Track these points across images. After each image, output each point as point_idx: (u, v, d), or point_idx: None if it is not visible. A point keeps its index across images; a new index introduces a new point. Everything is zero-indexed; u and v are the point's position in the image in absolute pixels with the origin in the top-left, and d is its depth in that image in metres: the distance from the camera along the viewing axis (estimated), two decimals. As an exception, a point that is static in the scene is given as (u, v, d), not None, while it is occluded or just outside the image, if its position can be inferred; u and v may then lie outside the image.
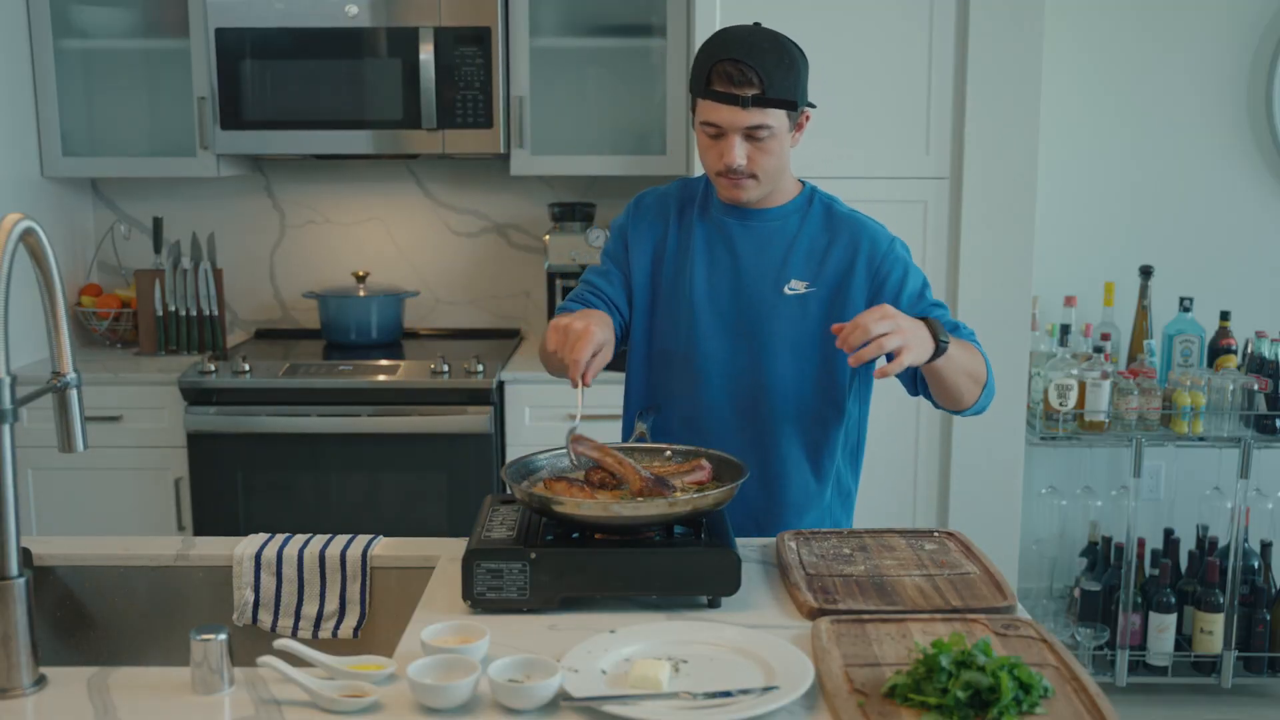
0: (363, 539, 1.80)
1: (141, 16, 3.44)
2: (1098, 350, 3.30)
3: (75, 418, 1.45)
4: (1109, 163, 3.64)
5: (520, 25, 3.37)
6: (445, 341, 3.69)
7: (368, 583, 1.75)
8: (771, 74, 1.78)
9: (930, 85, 3.13)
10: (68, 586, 1.76)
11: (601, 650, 1.39)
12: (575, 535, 1.59)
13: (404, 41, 3.30)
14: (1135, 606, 3.32)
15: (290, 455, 3.20)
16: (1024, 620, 1.48)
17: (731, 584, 1.54)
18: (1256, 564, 3.34)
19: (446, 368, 3.20)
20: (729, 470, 1.71)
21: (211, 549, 1.79)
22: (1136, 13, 3.57)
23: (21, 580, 1.35)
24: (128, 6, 3.44)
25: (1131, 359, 3.52)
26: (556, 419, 3.24)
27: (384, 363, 3.29)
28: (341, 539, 1.79)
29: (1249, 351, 3.39)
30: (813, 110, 1.90)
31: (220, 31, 3.30)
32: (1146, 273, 3.52)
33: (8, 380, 1.33)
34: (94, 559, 1.77)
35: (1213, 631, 3.30)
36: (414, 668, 1.29)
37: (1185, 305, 3.43)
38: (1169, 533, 3.44)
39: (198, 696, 1.31)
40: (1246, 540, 3.31)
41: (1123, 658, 3.32)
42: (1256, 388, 3.28)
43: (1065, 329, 3.43)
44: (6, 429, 1.34)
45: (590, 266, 2.06)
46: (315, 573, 1.76)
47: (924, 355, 1.69)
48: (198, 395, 3.20)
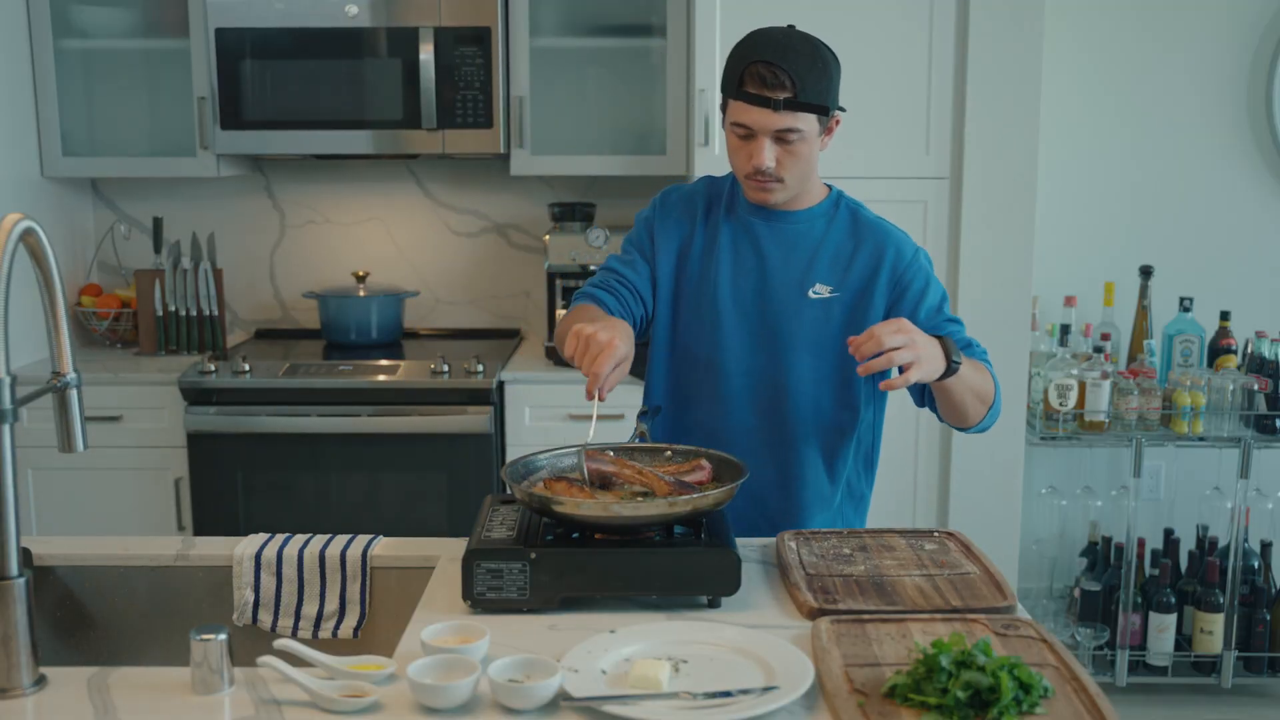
0: (363, 539, 1.80)
1: (141, 16, 3.45)
2: (1098, 350, 3.30)
3: (75, 418, 1.45)
4: (1109, 163, 3.64)
5: (520, 25, 3.37)
6: (445, 341, 3.69)
7: (368, 583, 1.75)
8: (805, 78, 1.78)
9: (930, 85, 3.13)
10: (68, 586, 1.76)
11: (601, 650, 1.39)
12: (575, 535, 1.59)
13: (404, 41, 3.30)
14: (1135, 606, 3.32)
15: (290, 455, 3.20)
16: (1024, 620, 1.48)
17: (731, 584, 1.54)
18: (1256, 564, 3.34)
19: (446, 368, 3.20)
20: (729, 470, 1.71)
21: (211, 549, 1.79)
22: (1136, 13, 3.57)
23: (21, 580, 1.35)
24: (128, 6, 3.44)
25: (1131, 359, 3.52)
26: (557, 419, 3.24)
27: (384, 363, 3.29)
28: (341, 539, 1.79)
29: (1249, 351, 3.39)
30: (842, 114, 1.88)
31: (220, 31, 3.30)
32: (1146, 273, 3.52)
33: (8, 380, 1.33)
34: (94, 559, 1.77)
35: (1213, 631, 3.30)
36: (414, 668, 1.29)
37: (1185, 305, 3.43)
38: (1169, 533, 3.44)
39: (198, 696, 1.31)
40: (1246, 540, 3.31)
41: (1123, 658, 3.32)
42: (1256, 388, 3.28)
43: (1065, 329, 3.43)
44: (6, 429, 1.34)
45: (612, 255, 2.03)
46: (315, 573, 1.75)
47: (934, 373, 1.69)
48: (198, 395, 3.20)
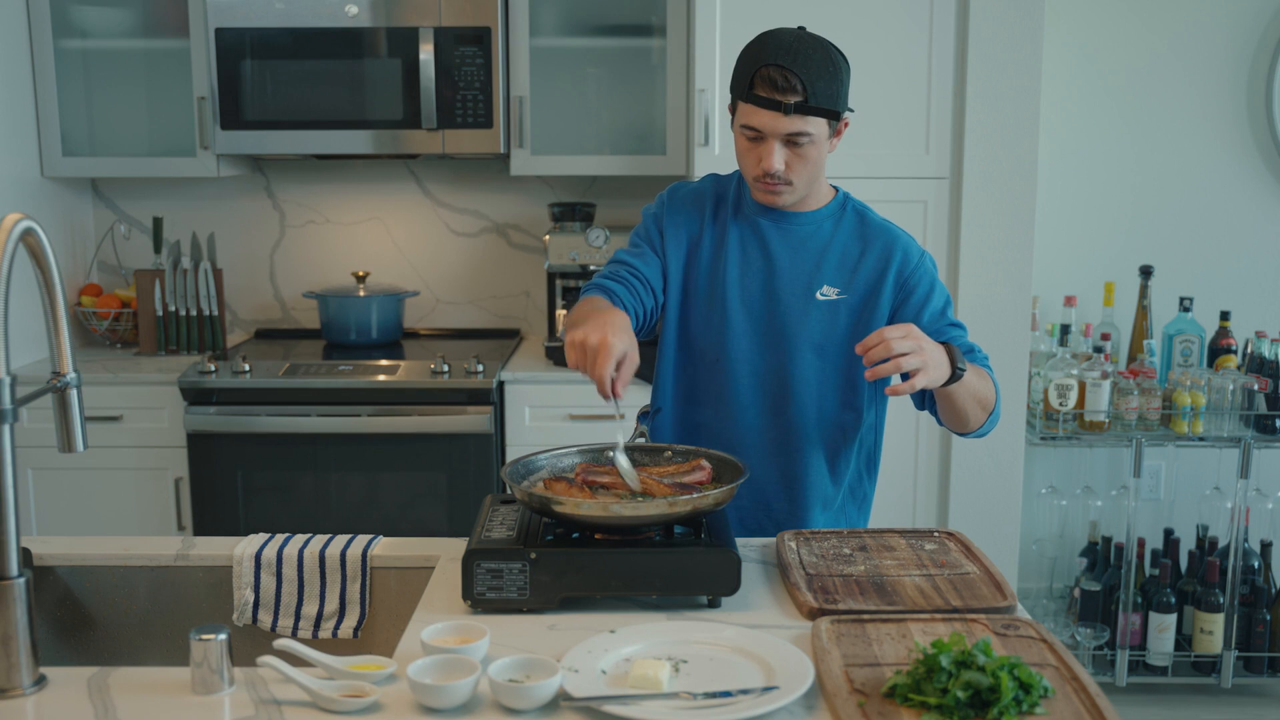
0: (362, 539, 1.80)
1: (141, 16, 3.44)
2: (1098, 350, 3.30)
3: (75, 418, 1.45)
4: (1109, 163, 3.64)
5: (520, 25, 3.37)
6: (445, 341, 3.69)
7: (368, 583, 1.75)
8: (815, 82, 1.77)
9: (930, 85, 3.13)
10: (68, 586, 1.76)
11: (601, 650, 1.39)
12: (575, 535, 1.59)
13: (404, 41, 3.30)
14: (1135, 606, 3.32)
15: (290, 455, 3.20)
16: (1024, 620, 1.48)
17: (731, 584, 1.54)
18: (1256, 564, 3.34)
19: (446, 368, 3.20)
20: (729, 470, 1.71)
21: (211, 549, 1.79)
22: (1136, 13, 3.57)
23: (21, 580, 1.35)
24: (128, 6, 3.44)
25: (1131, 359, 3.52)
26: (557, 419, 3.24)
27: (384, 363, 3.29)
28: (341, 539, 1.79)
29: (1249, 351, 3.39)
30: (851, 116, 1.88)
31: (220, 31, 3.30)
32: (1146, 273, 3.52)
33: (8, 380, 1.33)
34: (94, 559, 1.77)
35: (1213, 631, 3.30)
36: (414, 668, 1.29)
37: (1185, 305, 3.43)
38: (1169, 533, 3.44)
39: (198, 696, 1.31)
40: (1246, 540, 3.31)
41: (1123, 658, 3.32)
42: (1256, 388, 3.28)
43: (1065, 329, 3.43)
44: (6, 429, 1.34)
45: (620, 249, 2.01)
46: (315, 573, 1.75)
47: (939, 380, 1.70)
48: (198, 395, 3.20)
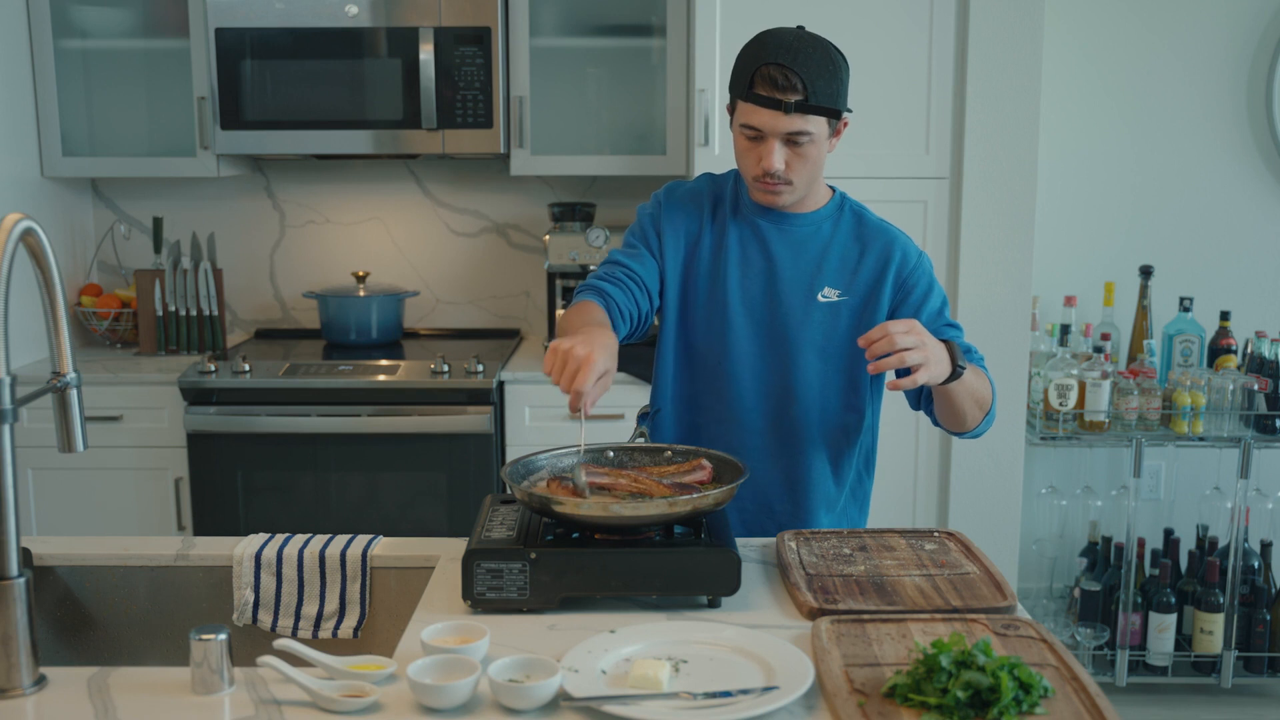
0: (362, 539, 1.80)
1: (141, 16, 3.44)
2: (1098, 350, 3.30)
3: (75, 418, 1.45)
4: (1109, 163, 3.64)
5: (520, 25, 3.37)
6: (445, 341, 3.69)
7: (368, 583, 1.75)
8: (815, 81, 1.77)
9: (930, 85, 3.13)
10: (68, 586, 1.76)
11: (601, 650, 1.39)
12: (575, 535, 1.59)
13: (404, 41, 3.30)
14: (1135, 606, 3.32)
15: (290, 455, 3.20)
16: (1024, 620, 1.48)
17: (731, 584, 1.54)
18: (1256, 564, 3.34)
19: (446, 368, 3.20)
20: (729, 470, 1.71)
21: (211, 549, 1.79)
22: (1136, 13, 3.57)
23: (21, 580, 1.35)
24: (128, 6, 3.44)
25: (1131, 359, 3.52)
26: (557, 419, 3.24)
27: (384, 363, 3.29)
28: (341, 539, 1.79)
29: (1249, 351, 3.39)
30: (851, 116, 1.87)
31: (220, 31, 3.30)
32: (1146, 273, 3.52)
33: (8, 380, 1.33)
34: (94, 559, 1.77)
35: (1213, 631, 3.30)
36: (414, 668, 1.29)
37: (1185, 305, 3.43)
38: (1169, 533, 3.44)
39: (198, 696, 1.31)
40: (1246, 540, 3.31)
41: (1123, 658, 3.32)
42: (1256, 388, 3.28)
43: (1065, 329, 3.43)
44: (6, 429, 1.34)
45: (614, 250, 1.99)
46: (315, 573, 1.75)
47: (940, 377, 1.70)
48: (198, 395, 3.20)
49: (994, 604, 1.53)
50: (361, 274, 3.61)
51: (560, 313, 3.48)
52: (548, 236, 3.46)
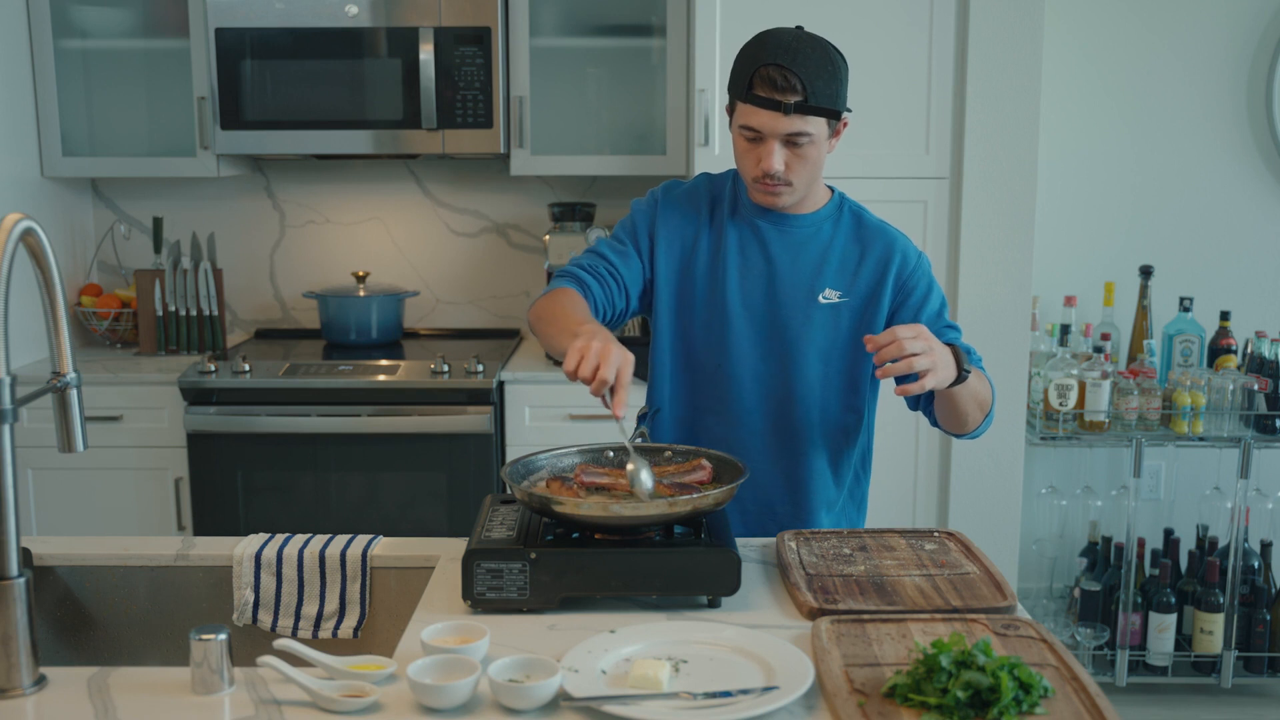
0: (362, 539, 1.80)
1: (141, 16, 3.44)
2: (1098, 350, 3.30)
3: (75, 418, 1.45)
4: (1109, 163, 3.64)
5: (520, 25, 3.37)
6: (445, 341, 3.69)
7: (368, 583, 1.75)
8: (815, 81, 1.76)
9: (930, 85, 3.13)
10: (68, 586, 1.76)
11: (601, 650, 1.39)
12: (575, 535, 1.58)
13: (404, 41, 3.30)
14: (1135, 606, 3.32)
15: (290, 455, 3.20)
16: (1024, 620, 1.48)
17: (731, 584, 1.54)
18: (1256, 564, 3.34)
19: (446, 368, 3.20)
20: (729, 470, 1.71)
21: (211, 549, 1.79)
22: (1136, 13, 3.57)
23: (21, 580, 1.35)
24: (128, 6, 3.44)
25: (1131, 359, 3.52)
26: (557, 419, 3.24)
27: (384, 363, 3.29)
28: (341, 539, 1.79)
29: (1249, 351, 3.39)
30: (851, 116, 1.87)
31: (220, 31, 3.30)
32: (1146, 273, 3.52)
33: (8, 380, 1.33)
34: (94, 559, 1.77)
35: (1213, 631, 3.30)
36: (414, 668, 1.29)
37: (1185, 305, 3.43)
38: (1169, 533, 3.44)
39: (198, 696, 1.31)
40: (1246, 540, 3.31)
41: (1123, 658, 3.32)
42: (1256, 388, 3.28)
43: (1065, 329, 3.43)
44: (6, 429, 1.34)
45: (602, 239, 1.95)
46: (315, 573, 1.75)
47: (946, 381, 1.70)
48: (198, 395, 3.20)
49: (994, 604, 1.53)
50: (361, 274, 3.61)
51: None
52: (548, 236, 3.46)
